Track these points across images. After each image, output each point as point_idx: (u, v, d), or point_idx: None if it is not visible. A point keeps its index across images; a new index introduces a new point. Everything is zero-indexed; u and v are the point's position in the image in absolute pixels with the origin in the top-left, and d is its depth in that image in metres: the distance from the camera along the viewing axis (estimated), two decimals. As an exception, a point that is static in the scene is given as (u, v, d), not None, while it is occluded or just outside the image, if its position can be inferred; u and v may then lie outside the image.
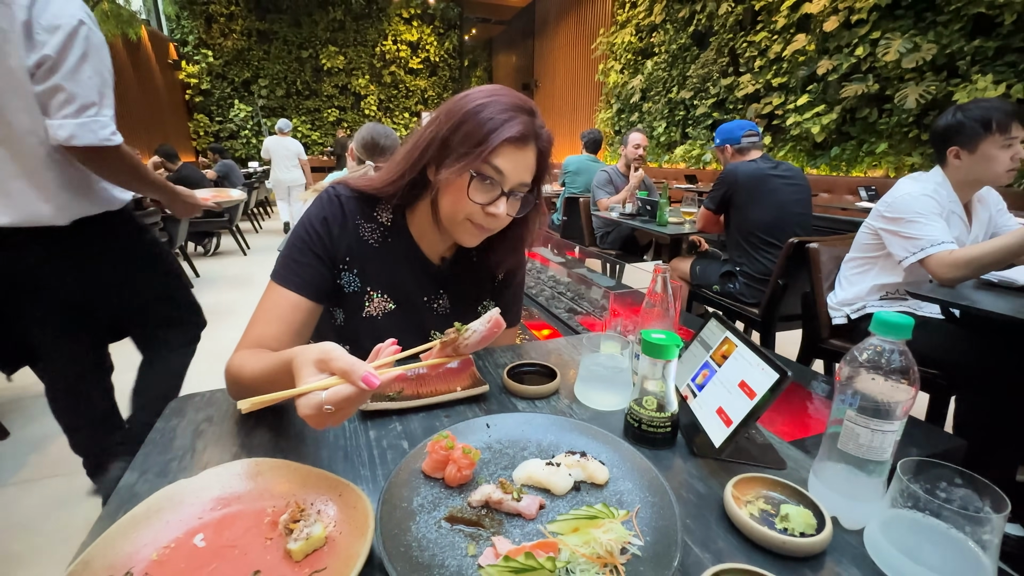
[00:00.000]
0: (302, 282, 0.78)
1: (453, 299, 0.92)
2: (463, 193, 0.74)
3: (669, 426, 0.62)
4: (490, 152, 0.71)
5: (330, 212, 0.82)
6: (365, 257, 0.84)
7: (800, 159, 4.60)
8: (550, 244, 3.48)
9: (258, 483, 0.53)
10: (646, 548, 0.45)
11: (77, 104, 1.09)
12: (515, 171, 0.74)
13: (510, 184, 0.74)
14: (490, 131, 0.71)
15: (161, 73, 8.49)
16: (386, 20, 10.85)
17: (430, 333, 0.90)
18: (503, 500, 0.50)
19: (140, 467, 0.58)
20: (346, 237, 0.83)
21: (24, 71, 1.05)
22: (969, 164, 1.44)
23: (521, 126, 0.72)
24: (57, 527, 1.50)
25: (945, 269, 1.35)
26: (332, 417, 0.50)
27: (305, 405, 0.49)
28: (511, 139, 0.71)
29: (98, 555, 0.43)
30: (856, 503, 0.50)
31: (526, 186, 0.78)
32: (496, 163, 0.72)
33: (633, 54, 6.98)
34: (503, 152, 0.72)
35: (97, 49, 1.13)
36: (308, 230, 0.81)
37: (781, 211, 2.15)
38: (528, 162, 0.76)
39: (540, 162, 0.78)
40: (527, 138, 0.74)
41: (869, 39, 3.79)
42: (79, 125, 1.09)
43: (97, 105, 1.12)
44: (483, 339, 0.66)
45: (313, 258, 0.80)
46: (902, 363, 0.46)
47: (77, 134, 1.09)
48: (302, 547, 0.45)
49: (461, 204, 0.75)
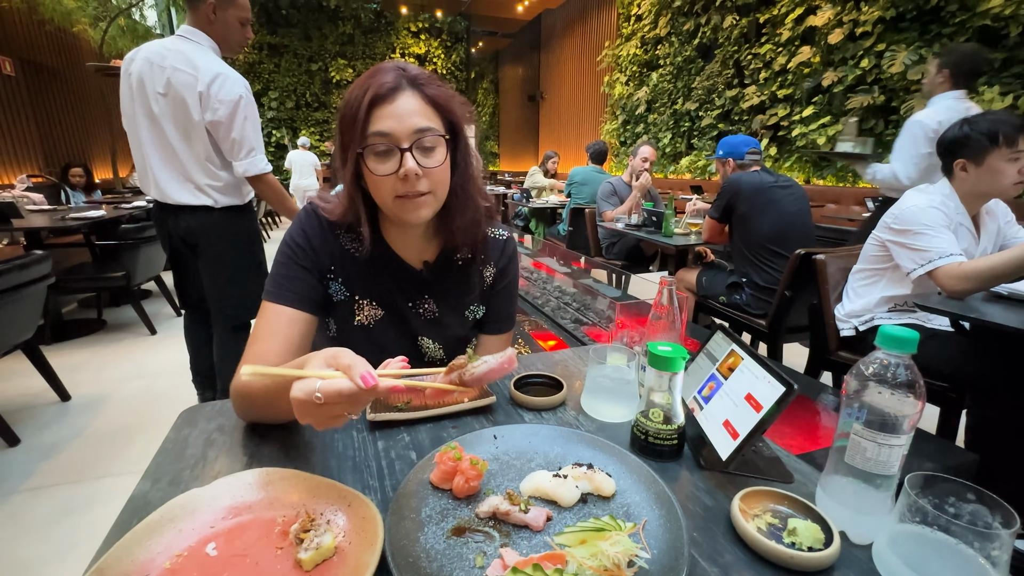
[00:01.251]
0: (294, 296, 0.79)
1: (439, 303, 0.91)
2: (372, 175, 0.72)
3: (676, 438, 0.63)
4: (363, 124, 0.70)
5: (309, 226, 0.83)
6: (348, 266, 0.85)
7: (806, 170, 4.60)
8: (556, 255, 3.49)
9: (269, 493, 0.54)
10: (653, 561, 0.46)
11: (246, 148, 1.78)
12: (399, 124, 0.70)
13: (404, 139, 0.70)
14: (356, 106, 0.70)
15: (174, 86, 8.65)
16: (394, 33, 11.03)
17: (417, 339, 0.91)
18: (511, 511, 0.51)
19: (153, 475, 0.59)
20: (328, 247, 0.83)
21: (201, 123, 1.73)
22: (976, 177, 1.44)
23: (381, 81, 0.70)
24: (65, 534, 1.51)
25: (954, 281, 1.35)
26: (319, 411, 0.48)
27: (298, 387, 0.48)
28: (376, 99, 0.70)
29: (113, 563, 0.43)
30: (864, 517, 0.50)
31: (428, 131, 0.72)
32: (375, 129, 0.70)
33: (638, 66, 7.04)
34: (376, 115, 0.70)
35: (254, 110, 1.80)
36: (291, 245, 0.82)
37: (784, 221, 2.16)
38: (410, 108, 0.71)
39: (436, 105, 0.74)
40: (396, 88, 0.71)
41: (874, 51, 3.80)
42: (249, 163, 1.80)
43: (256, 149, 1.81)
44: (491, 372, 0.62)
45: (300, 271, 0.80)
46: (908, 377, 0.46)
47: (248, 169, 1.81)
48: (312, 557, 0.45)
49: (379, 186, 0.73)
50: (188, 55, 1.70)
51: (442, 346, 0.93)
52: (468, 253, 0.90)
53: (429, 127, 0.72)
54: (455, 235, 0.85)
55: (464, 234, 0.86)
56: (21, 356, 2.15)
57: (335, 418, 0.50)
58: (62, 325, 3.24)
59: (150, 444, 1.86)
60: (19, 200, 3.28)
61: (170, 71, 1.68)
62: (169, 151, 1.77)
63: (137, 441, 2.01)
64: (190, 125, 1.74)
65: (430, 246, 0.89)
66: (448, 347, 0.94)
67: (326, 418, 0.50)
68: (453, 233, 0.85)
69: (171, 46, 1.72)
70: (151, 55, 1.70)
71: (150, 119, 1.75)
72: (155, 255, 3.31)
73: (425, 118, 0.73)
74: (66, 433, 2.05)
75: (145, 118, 1.75)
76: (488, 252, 0.93)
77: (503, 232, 0.95)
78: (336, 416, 0.50)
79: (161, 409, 2.26)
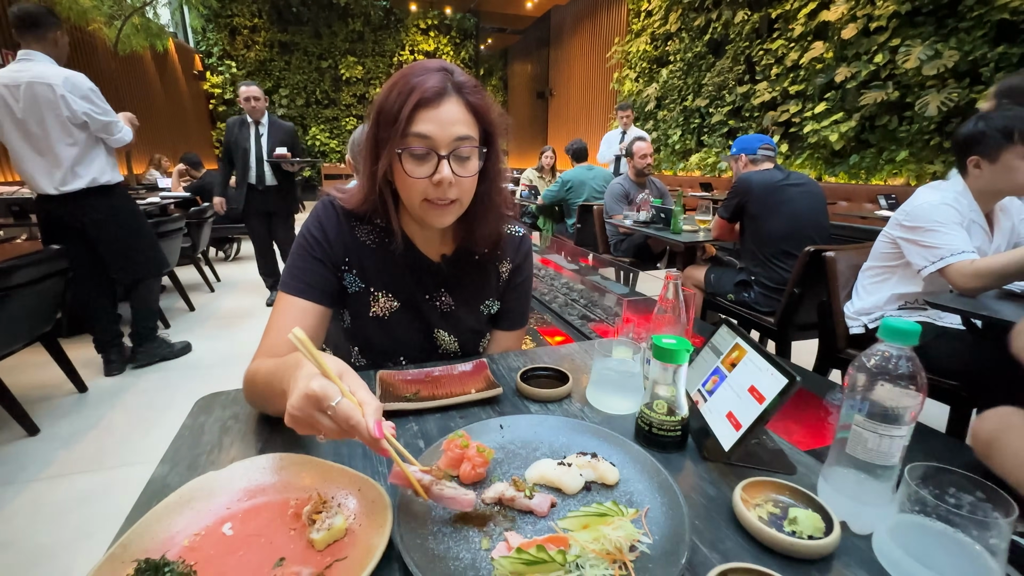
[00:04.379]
0: (307, 287, 0.80)
1: (456, 297, 0.91)
2: (404, 175, 0.73)
3: (679, 430, 0.63)
4: (406, 124, 0.70)
5: (325, 217, 0.85)
6: (363, 258, 0.86)
7: (818, 167, 4.55)
8: (564, 251, 3.49)
9: (282, 477, 0.56)
10: (654, 546, 0.47)
11: (112, 127, 2.32)
12: (441, 130, 0.70)
13: (443, 145, 0.71)
14: (400, 105, 0.70)
15: (187, 83, 8.77)
16: (404, 31, 11.06)
17: (433, 331, 0.92)
18: (516, 497, 0.52)
19: (171, 460, 0.61)
20: (343, 239, 0.85)
21: (66, 119, 2.18)
22: (990, 174, 1.42)
23: (429, 85, 0.70)
24: (82, 521, 1.55)
25: (965, 279, 1.34)
26: (315, 416, 0.46)
27: (318, 384, 0.46)
28: (422, 102, 0.69)
29: (136, 539, 0.45)
30: (865, 507, 0.50)
31: (467, 140, 0.73)
32: (416, 131, 0.70)
33: (648, 62, 7.00)
34: (419, 117, 0.70)
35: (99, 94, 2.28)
36: (307, 237, 0.83)
37: (796, 220, 2.13)
38: (454, 116, 0.71)
39: (476, 114, 0.74)
40: (442, 93, 0.71)
41: (888, 46, 3.75)
42: (116, 139, 2.35)
43: (116, 121, 2.34)
44: (452, 500, 0.50)
45: (315, 263, 0.82)
46: (910, 369, 0.47)
47: (119, 142, 2.38)
48: (324, 537, 0.47)
49: (409, 187, 0.74)
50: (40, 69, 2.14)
51: (457, 339, 0.94)
52: (485, 249, 0.91)
53: (468, 136, 0.73)
54: (477, 240, 0.86)
55: (485, 240, 0.87)
56: (40, 348, 2.21)
57: (318, 429, 0.48)
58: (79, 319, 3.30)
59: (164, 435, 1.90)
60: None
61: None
62: (43, 146, 2.18)
63: (152, 432, 2.05)
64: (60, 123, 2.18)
65: (448, 240, 0.90)
66: (463, 340, 0.95)
67: (314, 425, 0.47)
68: (475, 238, 0.86)
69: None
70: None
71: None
72: (169, 250, 3.37)
73: (466, 126, 0.73)
74: (83, 423, 2.10)
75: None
76: (505, 249, 0.94)
77: (519, 229, 0.96)
78: (320, 429, 0.47)
79: (175, 401, 2.31)
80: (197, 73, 9.33)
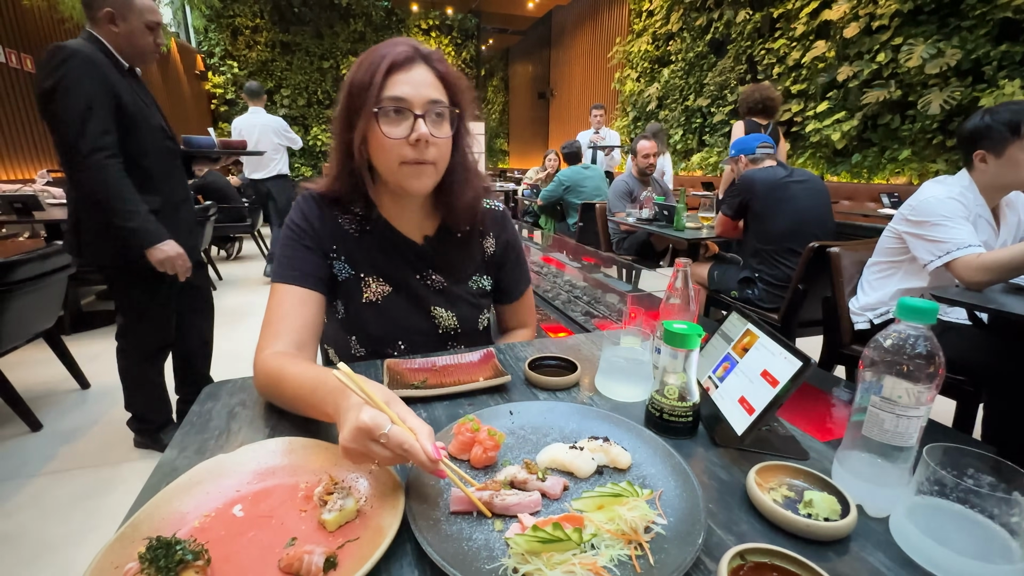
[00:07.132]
0: (301, 275, 0.80)
1: (444, 275, 0.92)
2: (381, 137, 0.73)
3: (691, 415, 0.63)
4: (380, 88, 0.72)
5: (307, 208, 0.85)
6: (349, 245, 0.86)
7: (820, 166, 4.55)
8: (566, 249, 3.48)
9: (292, 459, 0.55)
10: (670, 527, 0.46)
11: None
12: (415, 91, 0.73)
13: (419, 105, 0.73)
14: (372, 73, 0.72)
15: (188, 83, 8.77)
16: (405, 31, 11.05)
17: (430, 309, 0.92)
18: (528, 480, 0.51)
19: (179, 445, 0.61)
20: (328, 227, 0.85)
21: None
22: (996, 168, 1.42)
23: (399, 51, 0.73)
24: (85, 515, 1.55)
25: (972, 273, 1.33)
26: (368, 446, 0.46)
27: (368, 415, 0.46)
28: (394, 66, 0.72)
29: (146, 519, 0.45)
30: (881, 490, 0.50)
31: (439, 104, 0.75)
32: (391, 94, 0.72)
33: (650, 62, 7.00)
34: (392, 80, 0.72)
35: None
36: (292, 227, 0.84)
37: (800, 217, 2.13)
38: (425, 79, 0.74)
39: (445, 82, 0.77)
40: (412, 59, 0.74)
41: (891, 45, 3.75)
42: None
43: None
44: (513, 507, 0.49)
45: (304, 251, 0.83)
46: (928, 348, 0.46)
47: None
48: (336, 518, 0.46)
49: (386, 149, 0.74)
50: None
51: (455, 314, 0.94)
52: (466, 226, 0.92)
53: (440, 99, 0.76)
54: (457, 214, 0.88)
55: (467, 212, 0.89)
56: (43, 344, 2.21)
57: (371, 458, 0.47)
58: (81, 316, 3.30)
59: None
60: (40, 194, 3.35)
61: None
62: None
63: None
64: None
65: (429, 221, 0.91)
66: (460, 314, 0.95)
67: (367, 454, 0.47)
68: (455, 211, 0.87)
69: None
70: None
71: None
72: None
73: (436, 91, 0.76)
74: (86, 419, 2.10)
75: None
76: (486, 224, 0.96)
77: (497, 204, 0.99)
78: (374, 458, 0.47)
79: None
80: (199, 73, 9.33)
